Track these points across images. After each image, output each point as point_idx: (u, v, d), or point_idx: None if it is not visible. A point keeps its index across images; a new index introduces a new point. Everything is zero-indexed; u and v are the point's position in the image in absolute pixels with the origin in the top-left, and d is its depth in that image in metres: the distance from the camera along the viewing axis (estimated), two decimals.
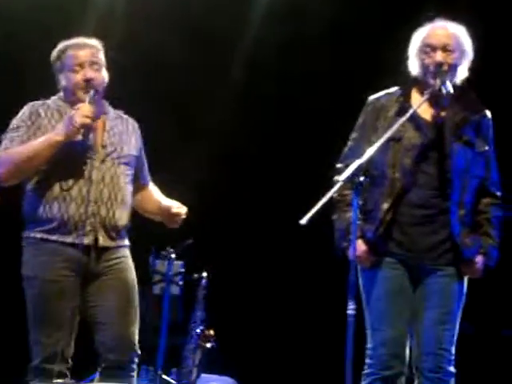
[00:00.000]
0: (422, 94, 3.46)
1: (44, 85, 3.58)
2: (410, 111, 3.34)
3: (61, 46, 3.49)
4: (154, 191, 3.69)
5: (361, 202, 3.35)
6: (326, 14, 5.94)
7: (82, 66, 3.41)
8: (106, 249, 3.41)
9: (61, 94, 3.52)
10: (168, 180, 3.77)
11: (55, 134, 3.33)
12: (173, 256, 5.25)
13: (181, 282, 5.38)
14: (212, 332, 5.27)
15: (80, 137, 3.34)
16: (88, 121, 3.31)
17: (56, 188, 3.36)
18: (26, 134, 3.40)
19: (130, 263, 3.50)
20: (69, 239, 3.35)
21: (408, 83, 3.53)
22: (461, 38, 3.47)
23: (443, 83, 3.37)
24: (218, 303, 5.38)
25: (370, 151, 3.18)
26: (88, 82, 3.40)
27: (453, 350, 3.41)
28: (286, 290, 6.15)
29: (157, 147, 3.73)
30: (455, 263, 3.42)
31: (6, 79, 5.69)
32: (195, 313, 5.27)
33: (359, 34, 6.03)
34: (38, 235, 3.38)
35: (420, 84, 3.49)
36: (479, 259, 3.43)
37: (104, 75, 3.47)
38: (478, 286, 3.54)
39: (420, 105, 3.40)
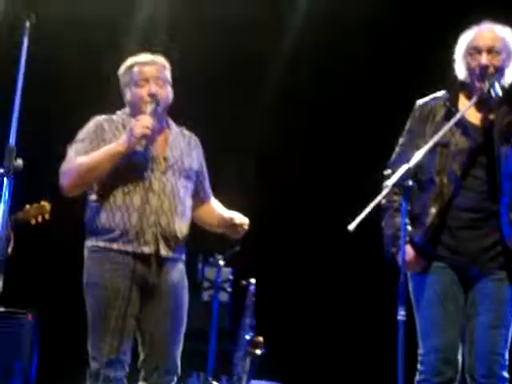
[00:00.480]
0: (468, 97, 3.44)
1: (87, 100, 3.61)
2: (458, 115, 3.31)
3: (129, 61, 3.58)
4: (215, 205, 3.75)
5: (408, 208, 3.34)
6: (366, 21, 5.95)
7: (147, 81, 3.50)
8: (166, 259, 3.46)
9: (126, 109, 3.60)
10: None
11: (116, 144, 3.41)
12: (221, 263, 5.28)
13: (229, 289, 5.41)
14: (261, 338, 5.28)
15: (141, 148, 3.41)
16: (147, 131, 3.37)
17: (118, 198, 3.43)
18: (91, 145, 3.48)
19: (186, 282, 3.56)
20: (130, 248, 3.40)
21: (455, 87, 3.51)
22: (508, 40, 3.44)
23: (492, 85, 3.34)
24: (267, 309, 5.38)
25: (417, 156, 3.16)
26: (152, 96, 3.47)
27: (506, 354, 3.37)
28: (335, 296, 6.12)
29: None
30: (507, 267, 3.38)
31: (50, 96, 5.81)
32: (244, 319, 5.28)
33: (400, 39, 6.02)
34: (101, 244, 3.44)
35: (467, 87, 3.47)
36: None
37: (168, 92, 3.55)
38: None
39: (467, 108, 3.37)
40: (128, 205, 3.41)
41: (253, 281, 5.33)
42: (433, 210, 3.38)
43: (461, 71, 3.47)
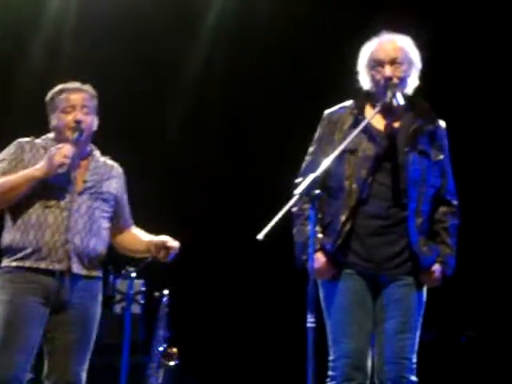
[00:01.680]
0: (374, 106, 3.50)
1: None
2: (363, 123, 3.37)
3: (57, 88, 3.63)
4: (138, 232, 3.79)
5: (320, 215, 3.39)
6: (274, 30, 6.02)
7: (73, 108, 3.55)
8: (79, 277, 3.50)
9: (51, 134, 3.63)
10: None
11: (34, 169, 3.47)
12: (133, 275, 5.23)
13: (142, 301, 5.36)
14: (175, 350, 5.25)
15: (61, 170, 3.45)
16: (66, 161, 3.43)
17: (33, 216, 3.48)
18: (9, 166, 3.54)
19: (99, 298, 3.60)
20: (42, 265, 3.45)
21: (361, 96, 3.57)
22: (408, 49, 3.52)
23: (394, 95, 3.42)
24: (180, 321, 5.36)
25: (324, 164, 3.21)
26: (77, 123, 3.52)
27: (414, 358, 3.43)
28: (248, 305, 6.15)
29: None
30: (414, 272, 3.44)
31: None
32: (157, 331, 5.24)
33: (308, 48, 6.11)
34: (14, 264, 3.48)
35: (372, 97, 3.53)
36: (437, 268, 3.46)
37: (93, 120, 3.61)
38: (436, 293, 3.57)
39: (372, 117, 3.44)
40: (42, 223, 3.46)
41: (166, 292, 5.30)
42: (343, 218, 3.42)
43: (365, 82, 3.54)
